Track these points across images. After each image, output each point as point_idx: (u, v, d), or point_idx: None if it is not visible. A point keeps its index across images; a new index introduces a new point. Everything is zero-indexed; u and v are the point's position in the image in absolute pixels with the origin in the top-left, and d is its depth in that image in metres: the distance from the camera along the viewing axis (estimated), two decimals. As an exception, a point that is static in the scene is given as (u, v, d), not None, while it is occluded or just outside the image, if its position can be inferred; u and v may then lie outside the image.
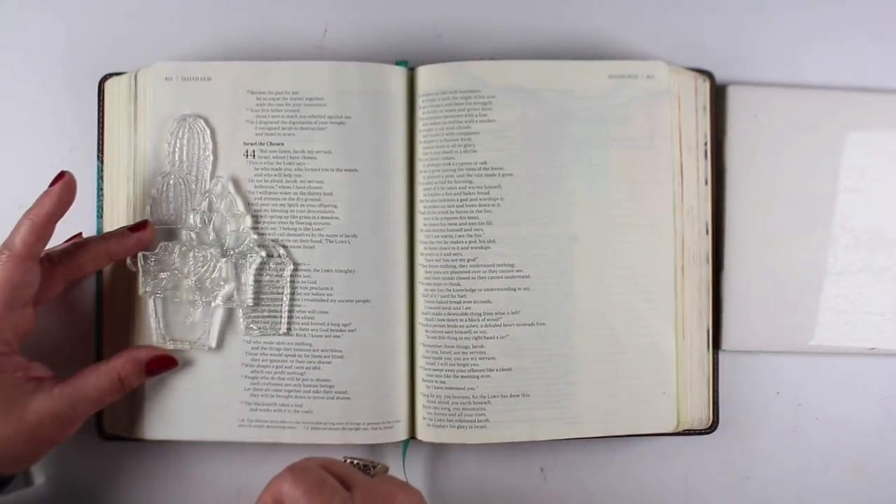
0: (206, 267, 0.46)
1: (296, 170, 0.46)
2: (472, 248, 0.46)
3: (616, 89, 0.47)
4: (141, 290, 0.46)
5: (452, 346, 0.46)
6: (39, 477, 0.48)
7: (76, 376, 0.43)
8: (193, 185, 0.46)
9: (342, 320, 0.46)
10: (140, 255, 0.45)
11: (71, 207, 0.48)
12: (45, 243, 0.42)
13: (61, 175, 0.43)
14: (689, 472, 0.50)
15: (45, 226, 0.42)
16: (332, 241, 0.46)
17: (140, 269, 0.46)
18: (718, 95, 0.50)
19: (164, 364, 0.45)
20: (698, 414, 0.48)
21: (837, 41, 0.51)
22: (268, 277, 0.46)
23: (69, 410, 0.42)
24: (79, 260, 0.44)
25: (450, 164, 0.46)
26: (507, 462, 0.48)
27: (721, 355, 0.49)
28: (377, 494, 0.37)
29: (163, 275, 0.46)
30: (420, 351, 0.47)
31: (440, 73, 0.47)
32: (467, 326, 0.46)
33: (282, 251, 0.46)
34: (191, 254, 0.46)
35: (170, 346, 0.46)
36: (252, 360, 0.46)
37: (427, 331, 0.46)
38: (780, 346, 0.50)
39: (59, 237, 0.44)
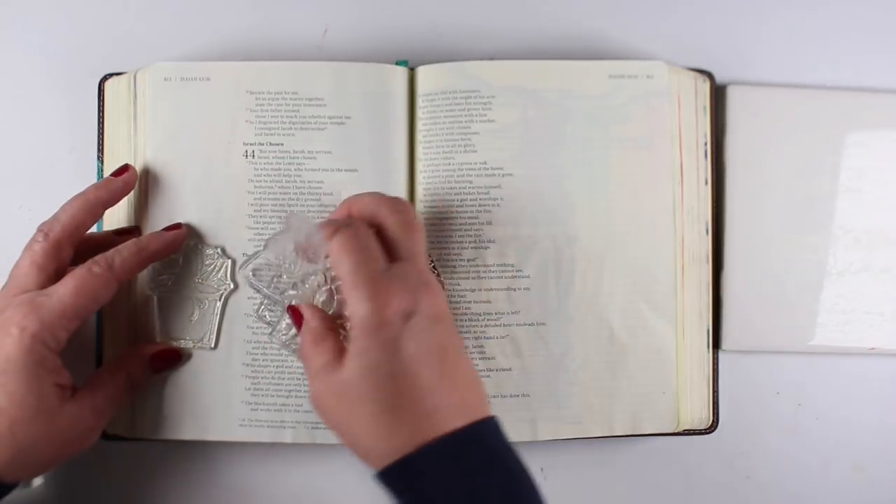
0: (212, 266, 0.46)
1: (296, 170, 0.46)
2: (471, 248, 0.46)
3: (616, 89, 0.47)
4: (147, 289, 0.46)
5: (452, 346, 0.46)
6: (38, 477, 0.48)
7: (92, 380, 0.43)
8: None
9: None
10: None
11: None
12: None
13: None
14: (689, 472, 0.50)
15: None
16: (332, 241, 0.46)
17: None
18: (718, 95, 0.50)
19: (169, 357, 0.45)
20: (698, 414, 0.48)
21: (837, 41, 0.51)
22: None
23: (96, 414, 0.42)
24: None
25: (450, 164, 0.46)
26: (507, 462, 0.48)
27: (721, 355, 0.49)
28: (417, 277, 0.37)
29: (166, 273, 0.46)
30: (420, 351, 0.47)
31: (440, 73, 0.47)
32: (467, 326, 0.46)
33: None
34: (193, 253, 0.46)
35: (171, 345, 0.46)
36: (252, 360, 0.46)
37: (427, 331, 0.46)
38: (780, 346, 0.50)
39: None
